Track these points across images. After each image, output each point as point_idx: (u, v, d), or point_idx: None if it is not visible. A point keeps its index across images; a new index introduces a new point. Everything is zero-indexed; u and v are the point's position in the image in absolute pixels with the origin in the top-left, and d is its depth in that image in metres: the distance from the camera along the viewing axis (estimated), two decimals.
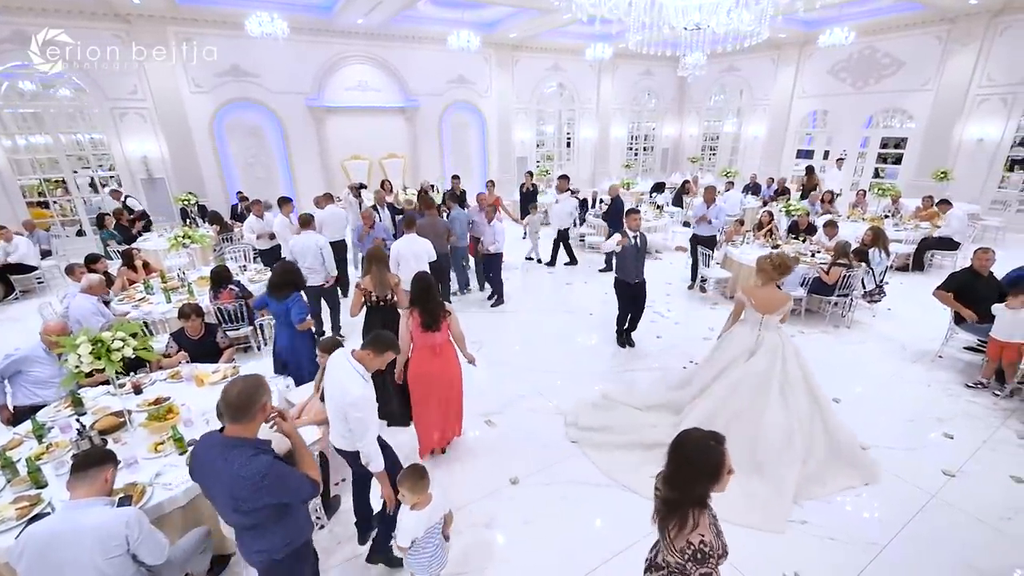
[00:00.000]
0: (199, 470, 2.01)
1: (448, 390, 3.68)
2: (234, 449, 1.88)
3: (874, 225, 6.70)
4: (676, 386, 4.40)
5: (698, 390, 3.91)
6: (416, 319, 3.44)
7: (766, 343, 3.64)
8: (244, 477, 1.83)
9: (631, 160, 17.00)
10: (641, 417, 4.11)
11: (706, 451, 1.64)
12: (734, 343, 3.79)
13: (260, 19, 8.29)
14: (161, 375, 3.79)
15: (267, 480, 1.85)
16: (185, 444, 2.92)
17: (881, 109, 12.33)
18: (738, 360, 3.71)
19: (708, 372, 3.91)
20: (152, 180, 10.36)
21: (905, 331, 5.88)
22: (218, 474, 1.88)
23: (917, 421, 4.17)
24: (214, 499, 2.02)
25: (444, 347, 3.57)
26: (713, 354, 4.03)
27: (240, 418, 1.90)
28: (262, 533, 2.00)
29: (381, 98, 12.19)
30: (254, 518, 1.93)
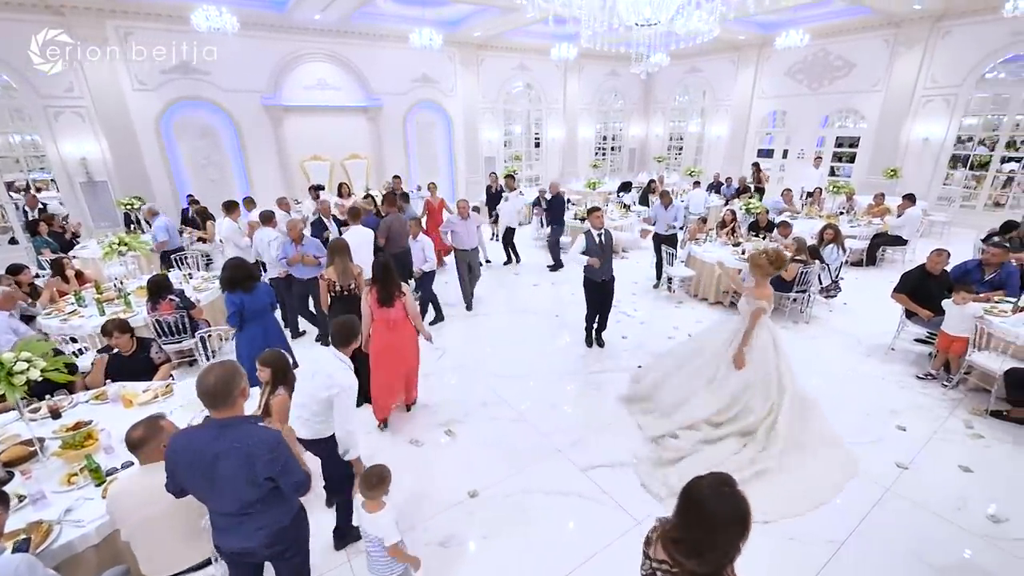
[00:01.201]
0: (190, 460, 1.93)
1: (402, 362, 4.11)
2: (237, 426, 1.94)
3: (829, 222, 6.86)
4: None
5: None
6: (374, 295, 3.90)
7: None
8: (262, 442, 1.91)
9: (599, 160, 17.09)
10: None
11: (730, 503, 1.37)
12: (764, 349, 3.75)
13: (207, 13, 7.88)
14: (84, 396, 3.46)
15: (282, 447, 1.96)
16: (103, 474, 2.65)
17: (835, 109, 12.77)
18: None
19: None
20: (93, 183, 9.70)
21: (860, 325, 6.03)
22: (229, 451, 1.88)
23: (873, 415, 4.24)
24: (220, 482, 1.91)
25: (400, 323, 3.99)
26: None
27: (221, 405, 1.93)
28: (267, 505, 2.02)
29: (342, 97, 11.82)
30: (263, 490, 1.95)
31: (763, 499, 3.00)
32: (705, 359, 3.94)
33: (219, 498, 1.98)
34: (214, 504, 2.04)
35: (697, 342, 4.24)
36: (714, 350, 3.94)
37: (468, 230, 6.48)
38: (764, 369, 3.67)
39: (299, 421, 2.84)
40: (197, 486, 1.99)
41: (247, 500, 1.97)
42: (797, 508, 3.14)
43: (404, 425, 4.24)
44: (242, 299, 4.03)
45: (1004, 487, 3.38)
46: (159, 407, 3.35)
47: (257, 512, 2.01)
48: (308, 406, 2.78)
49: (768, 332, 3.73)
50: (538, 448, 3.89)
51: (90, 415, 3.26)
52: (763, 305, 3.65)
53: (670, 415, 3.93)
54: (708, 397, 3.80)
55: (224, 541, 2.10)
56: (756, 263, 3.70)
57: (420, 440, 4.01)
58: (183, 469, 1.97)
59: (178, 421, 3.20)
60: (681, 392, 3.99)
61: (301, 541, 2.24)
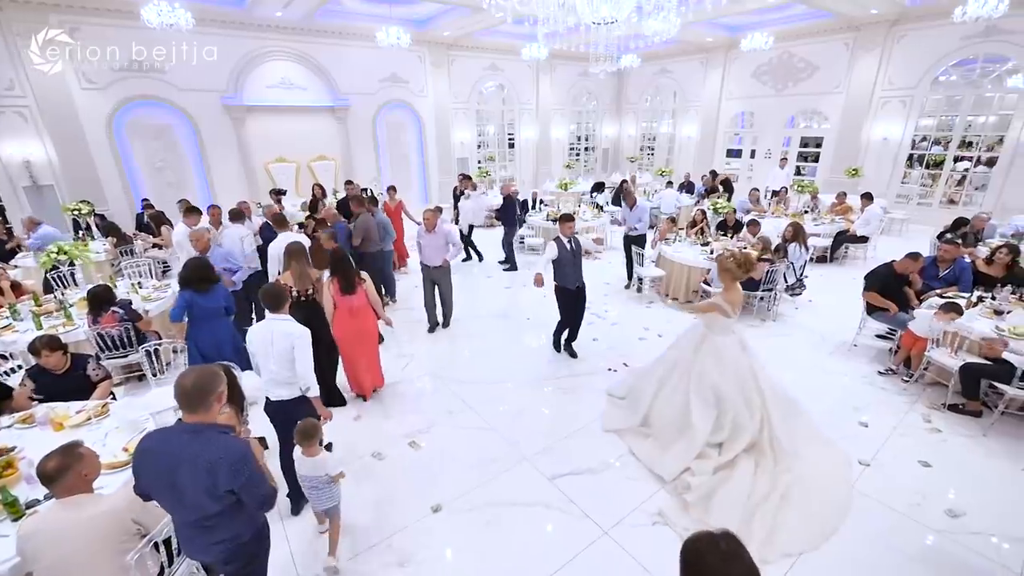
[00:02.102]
0: (154, 463, 1.88)
1: (365, 345, 4.38)
2: (204, 433, 1.87)
3: (793, 221, 6.97)
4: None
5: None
6: (335, 285, 4.17)
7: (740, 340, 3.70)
8: (226, 453, 1.83)
9: (573, 160, 17.13)
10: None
11: (735, 562, 1.32)
12: (735, 357, 3.62)
13: (159, 8, 7.49)
14: (7, 420, 3.19)
15: (247, 461, 1.89)
16: (20, 508, 2.42)
17: (800, 110, 13.09)
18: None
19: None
20: (38, 188, 9.14)
21: (824, 322, 6.14)
22: (191, 459, 1.82)
23: (836, 412, 4.28)
24: (179, 489, 1.86)
25: (361, 309, 4.27)
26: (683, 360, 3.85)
27: (197, 407, 1.89)
28: (229, 519, 1.96)
29: (307, 97, 11.48)
30: (224, 503, 1.89)
31: (792, 528, 2.95)
32: (680, 372, 3.81)
33: (180, 506, 1.93)
34: (176, 513, 2.00)
35: (670, 357, 4.02)
36: (686, 361, 3.80)
37: (435, 244, 5.63)
38: (738, 376, 3.56)
39: (278, 386, 3.07)
40: (159, 492, 1.94)
41: (207, 512, 1.90)
42: (825, 525, 3.02)
43: (366, 437, 4.07)
44: (192, 298, 3.98)
45: (961, 481, 3.44)
46: (94, 429, 3.11)
47: (216, 525, 1.94)
48: (280, 371, 3.02)
49: (736, 338, 3.66)
50: (505, 457, 3.78)
51: (14, 441, 3.00)
52: (720, 304, 3.57)
53: (673, 442, 3.62)
54: (700, 411, 3.57)
55: (187, 550, 2.11)
56: (724, 267, 3.63)
57: (382, 453, 3.86)
58: (147, 472, 1.92)
59: (113, 444, 2.99)
60: (671, 412, 3.75)
61: (260, 555, 2.18)
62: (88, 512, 2.03)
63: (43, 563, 2.00)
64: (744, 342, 3.73)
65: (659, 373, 4.03)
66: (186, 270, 4.09)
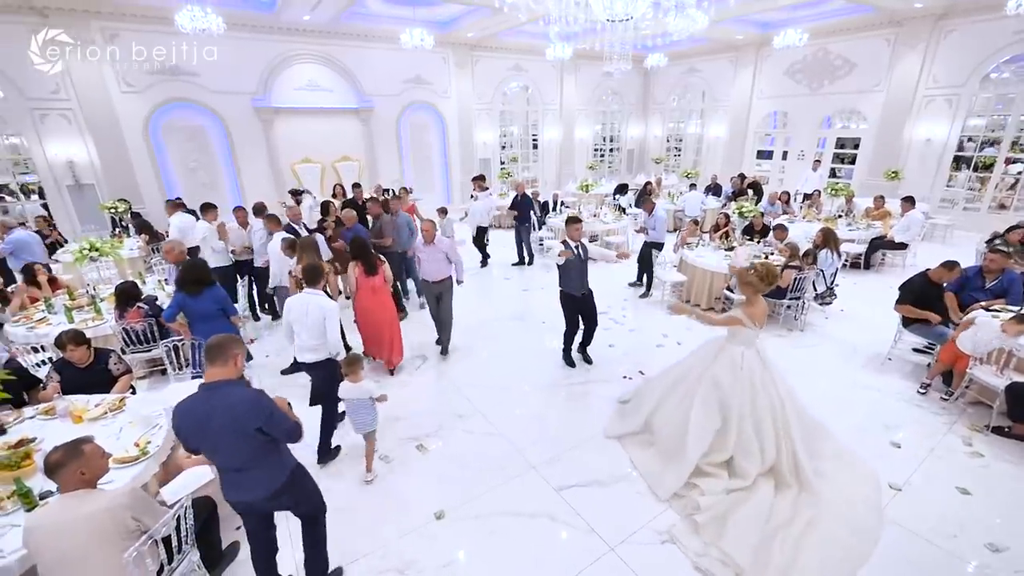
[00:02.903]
0: (189, 421, 2.18)
1: (384, 319, 4.89)
2: (221, 388, 2.18)
3: (825, 226, 6.64)
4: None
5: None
6: (360, 268, 4.78)
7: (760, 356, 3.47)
8: (243, 397, 2.17)
9: (597, 161, 16.90)
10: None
11: None
12: (750, 371, 3.38)
13: (192, 13, 7.74)
14: (31, 411, 3.31)
15: (263, 399, 2.23)
16: (34, 499, 2.49)
17: (836, 110, 12.53)
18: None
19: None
20: (80, 186, 9.60)
21: (857, 333, 5.82)
22: (216, 410, 2.14)
23: (866, 429, 4.03)
24: (214, 439, 2.19)
25: (380, 288, 4.85)
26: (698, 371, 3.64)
27: (216, 360, 2.21)
28: (263, 460, 2.28)
29: (333, 99, 11.68)
30: (255, 443, 2.20)
31: (816, 557, 2.78)
32: (693, 379, 3.61)
33: (219, 454, 2.24)
34: (217, 459, 2.29)
35: (687, 364, 3.84)
36: (701, 370, 3.60)
37: (434, 258, 5.14)
38: (754, 393, 3.32)
39: (307, 351, 3.64)
40: (201, 444, 2.25)
41: (243, 455, 2.22)
42: (852, 555, 2.82)
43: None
44: (184, 300, 4.14)
45: (1005, 512, 3.17)
46: (109, 423, 3.20)
47: (254, 467, 2.26)
48: (310, 339, 3.59)
49: (757, 355, 3.41)
50: (512, 465, 3.71)
51: (37, 432, 3.11)
52: (739, 317, 3.33)
53: (672, 456, 3.45)
54: (700, 422, 3.38)
55: (229, 494, 2.36)
56: (745, 280, 3.38)
57: (389, 456, 3.84)
58: (185, 430, 2.21)
59: (127, 437, 3.06)
60: (677, 421, 3.55)
61: (307, 492, 2.55)
62: (88, 508, 2.06)
63: (44, 557, 2.04)
64: (767, 359, 3.47)
65: (671, 377, 3.89)
66: (180, 271, 4.28)
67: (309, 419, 3.33)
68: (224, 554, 2.89)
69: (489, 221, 8.96)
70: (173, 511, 2.29)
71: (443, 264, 5.17)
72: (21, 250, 6.69)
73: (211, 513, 2.78)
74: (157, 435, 3.04)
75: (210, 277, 4.28)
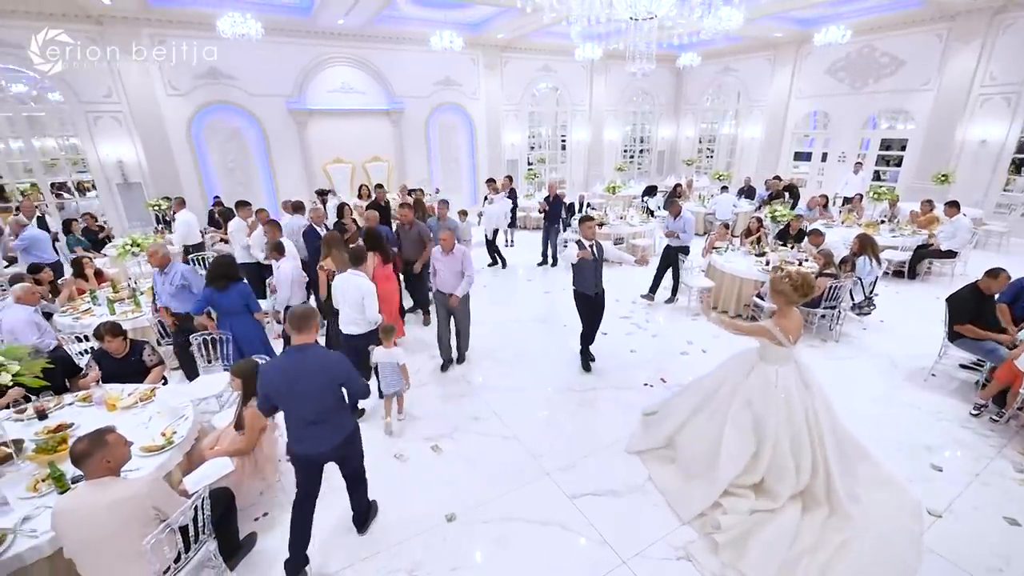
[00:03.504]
0: (278, 379, 2.57)
1: (393, 305, 5.39)
2: (310, 349, 2.60)
3: (863, 232, 6.30)
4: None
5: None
6: (378, 258, 5.12)
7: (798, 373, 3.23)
8: (333, 358, 2.68)
9: (626, 162, 16.65)
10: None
11: None
12: (787, 390, 3.15)
13: (233, 19, 8.07)
14: (70, 398, 3.49)
15: (345, 360, 2.72)
16: (67, 482, 2.62)
17: (881, 110, 11.92)
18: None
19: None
20: (128, 185, 10.15)
21: (897, 345, 5.50)
22: (312, 366, 2.56)
23: (904, 450, 3.80)
24: (300, 393, 2.56)
25: (391, 276, 5.34)
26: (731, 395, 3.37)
27: (304, 328, 2.59)
28: (337, 412, 2.72)
29: (365, 100, 11.93)
30: (335, 396, 2.68)
31: None
32: (722, 398, 3.39)
33: (300, 407, 2.60)
34: (296, 412, 2.63)
35: (716, 378, 3.61)
36: (732, 387, 3.39)
37: (453, 269, 4.84)
38: (791, 414, 3.12)
39: (350, 324, 4.22)
40: (282, 400, 2.62)
41: (324, 407, 2.62)
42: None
43: (390, 437, 4.10)
44: (211, 295, 4.31)
45: None
46: (139, 412, 3.34)
47: (328, 419, 2.66)
48: (351, 313, 4.17)
49: (794, 369, 3.19)
50: (526, 470, 3.67)
51: (75, 418, 3.28)
52: (768, 328, 3.12)
53: (696, 477, 3.27)
54: (733, 446, 3.16)
55: (299, 448, 2.70)
56: (778, 288, 3.13)
57: (404, 454, 3.86)
58: (271, 387, 2.61)
59: (155, 427, 3.18)
60: (703, 442, 3.36)
61: (357, 450, 2.94)
62: (111, 496, 2.15)
63: (69, 539, 2.14)
64: (809, 378, 3.24)
65: (700, 392, 3.67)
66: (210, 266, 4.44)
67: None
68: (241, 544, 2.97)
69: (504, 224, 8.95)
70: (190, 501, 2.36)
71: (458, 275, 4.89)
72: (34, 247, 6.86)
73: (229, 504, 2.86)
74: (183, 426, 3.15)
75: (237, 273, 4.42)
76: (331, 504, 3.25)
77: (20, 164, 9.68)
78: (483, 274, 8.50)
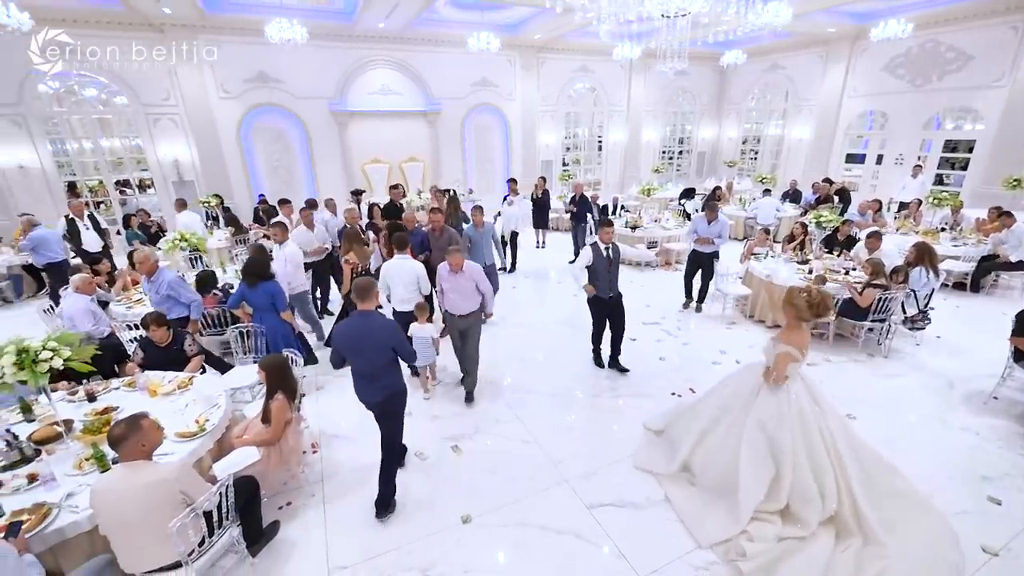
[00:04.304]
0: (349, 337, 3.09)
1: None
2: (371, 315, 3.13)
3: (921, 240, 5.86)
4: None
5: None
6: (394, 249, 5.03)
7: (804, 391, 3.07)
8: (388, 324, 3.14)
9: (663, 164, 16.24)
10: None
11: None
12: (801, 412, 2.99)
13: (280, 25, 8.42)
14: (117, 383, 3.72)
15: (398, 328, 3.20)
16: (108, 462, 2.78)
17: (945, 108, 11.08)
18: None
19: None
20: (183, 182, 10.78)
21: (955, 364, 5.08)
22: (373, 328, 3.08)
23: (958, 479, 3.49)
24: (363, 350, 3.07)
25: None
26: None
27: (366, 296, 3.12)
28: (389, 371, 3.15)
29: (403, 102, 12.18)
30: (387, 357, 3.11)
31: None
32: (733, 418, 3.24)
33: (361, 361, 3.10)
34: (358, 366, 3.14)
35: (723, 395, 3.43)
36: (741, 406, 3.22)
37: (460, 289, 4.36)
38: (806, 431, 2.96)
39: (402, 303, 4.69)
40: (350, 353, 3.11)
41: (378, 364, 3.09)
42: None
43: (411, 433, 4.13)
44: (244, 291, 4.55)
45: None
46: (177, 399, 3.52)
47: (382, 375, 3.11)
48: (405, 292, 4.63)
49: (804, 388, 3.03)
50: (545, 476, 3.62)
51: (120, 401, 3.49)
52: (790, 351, 2.93)
53: (717, 500, 3.09)
54: (751, 471, 2.99)
55: (361, 395, 3.22)
56: (791, 301, 2.94)
57: (424, 452, 3.90)
58: (343, 345, 3.12)
59: (190, 414, 3.34)
60: (718, 465, 3.19)
61: (401, 407, 3.30)
62: (144, 479, 2.27)
63: (104, 517, 2.27)
64: (817, 394, 3.07)
65: (707, 415, 3.46)
66: (245, 263, 4.67)
67: None
68: (264, 532, 3.06)
69: (523, 226, 8.96)
70: (215, 488, 2.46)
71: (471, 295, 4.40)
72: (41, 247, 6.91)
73: (254, 492, 2.96)
74: (215, 414, 3.29)
75: (267, 272, 4.59)
76: (348, 500, 3.33)
77: (91, 163, 10.48)
78: (514, 276, 8.49)
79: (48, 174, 9.70)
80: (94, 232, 8.03)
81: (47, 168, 9.66)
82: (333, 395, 4.78)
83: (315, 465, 3.78)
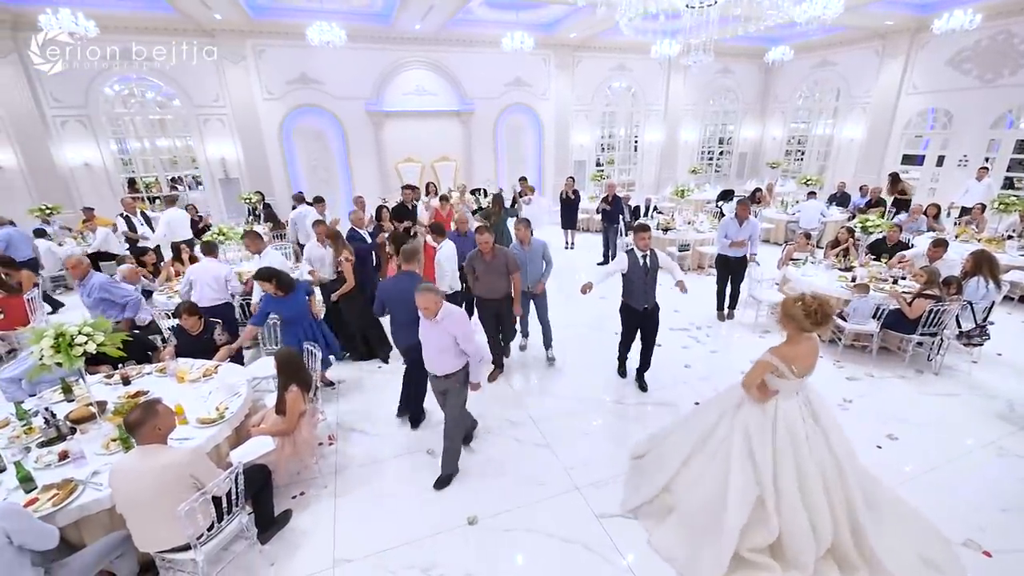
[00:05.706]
0: (396, 293, 3.81)
1: None
2: (413, 277, 3.88)
3: (980, 248, 5.37)
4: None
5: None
6: (394, 261, 5.27)
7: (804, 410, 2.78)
8: (427, 285, 3.28)
9: (702, 165, 15.68)
10: None
11: None
12: (790, 430, 2.72)
13: (320, 28, 8.70)
14: (149, 368, 3.92)
15: (430, 286, 3.31)
16: (132, 443, 2.92)
17: (1018, 106, 10.15)
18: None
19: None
20: (228, 180, 11.33)
21: (1017, 385, 4.62)
22: (411, 285, 3.41)
23: (1013, 512, 3.16)
24: (405, 303, 3.60)
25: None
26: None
27: (410, 260, 3.93)
28: (415, 321, 3.42)
29: (437, 102, 12.32)
30: (413, 308, 3.27)
31: None
32: (719, 439, 2.94)
33: (401, 312, 3.77)
34: (397, 315, 3.87)
35: (711, 413, 3.12)
36: (730, 421, 2.94)
37: (436, 342, 3.32)
38: (798, 456, 2.66)
39: (442, 284, 4.96)
40: (393, 305, 3.86)
41: (410, 315, 3.47)
42: None
43: (424, 431, 4.16)
44: (271, 305, 4.32)
45: None
46: (200, 386, 3.67)
47: (411, 325, 3.50)
48: (442, 275, 4.98)
49: (798, 403, 2.75)
50: (555, 482, 3.54)
51: (151, 386, 3.68)
52: (771, 360, 2.68)
53: (705, 534, 2.77)
54: (737, 493, 2.70)
55: (399, 341, 4.00)
56: (788, 312, 2.70)
57: (435, 450, 3.88)
58: (387, 296, 3.89)
59: (211, 402, 3.46)
60: (704, 490, 2.88)
61: (419, 357, 3.59)
62: (158, 462, 2.36)
63: (120, 497, 2.38)
64: (819, 408, 2.80)
65: (693, 434, 3.16)
66: (277, 281, 4.32)
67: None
68: (276, 520, 3.14)
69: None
70: (225, 474, 2.53)
71: (449, 351, 3.29)
72: (10, 246, 6.98)
73: (266, 481, 3.04)
74: (235, 403, 3.41)
75: (289, 279, 4.41)
76: (359, 494, 3.36)
77: (149, 161, 11.20)
78: (554, 277, 8.39)
79: (109, 171, 10.42)
80: (147, 227, 8.58)
81: (108, 166, 10.37)
82: (354, 390, 4.87)
83: (330, 457, 3.85)
